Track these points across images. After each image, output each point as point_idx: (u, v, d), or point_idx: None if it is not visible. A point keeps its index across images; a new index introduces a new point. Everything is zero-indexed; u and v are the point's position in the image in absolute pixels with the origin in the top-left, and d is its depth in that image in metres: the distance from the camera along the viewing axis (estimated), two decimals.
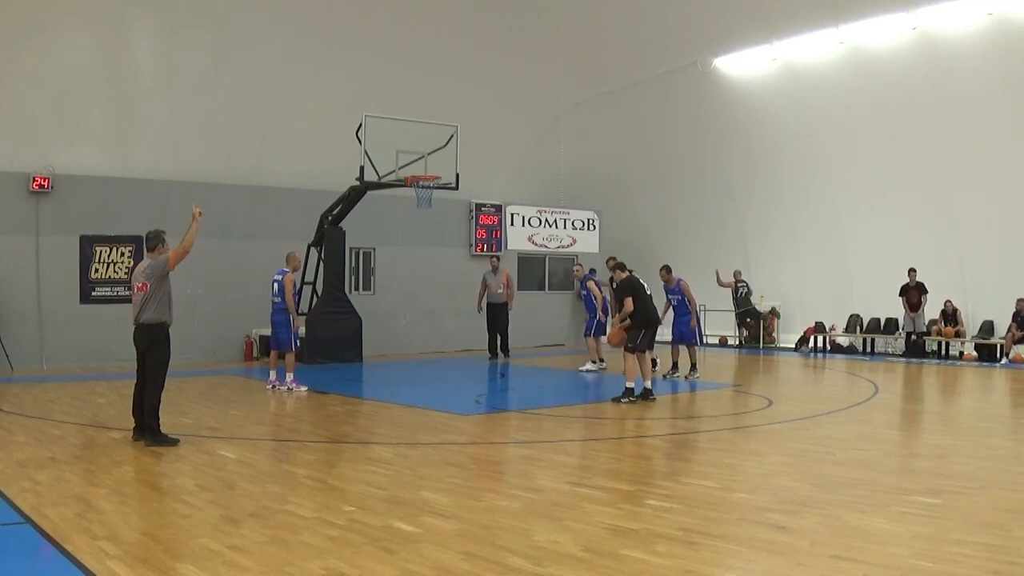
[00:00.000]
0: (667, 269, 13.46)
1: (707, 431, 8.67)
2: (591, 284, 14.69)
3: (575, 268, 16.10)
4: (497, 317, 17.02)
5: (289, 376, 11.69)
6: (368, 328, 16.17)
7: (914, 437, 8.45)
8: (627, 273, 11.05)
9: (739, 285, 19.64)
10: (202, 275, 15.23)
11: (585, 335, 15.33)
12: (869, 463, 7.00)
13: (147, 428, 7.71)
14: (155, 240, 8.01)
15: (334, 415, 10.13)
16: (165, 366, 7.88)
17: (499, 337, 17.10)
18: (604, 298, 14.38)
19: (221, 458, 7.17)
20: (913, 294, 17.05)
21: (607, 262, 12.39)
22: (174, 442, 7.64)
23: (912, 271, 16.98)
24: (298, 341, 11.74)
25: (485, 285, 16.94)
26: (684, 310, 13.32)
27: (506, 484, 6.58)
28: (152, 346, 7.80)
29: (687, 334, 13.39)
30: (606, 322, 14.09)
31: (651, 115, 20.57)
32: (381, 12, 17.69)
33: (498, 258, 17.84)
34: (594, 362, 14.57)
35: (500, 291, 16.89)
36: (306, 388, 11.60)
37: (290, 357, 11.80)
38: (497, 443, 8.34)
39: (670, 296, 13.35)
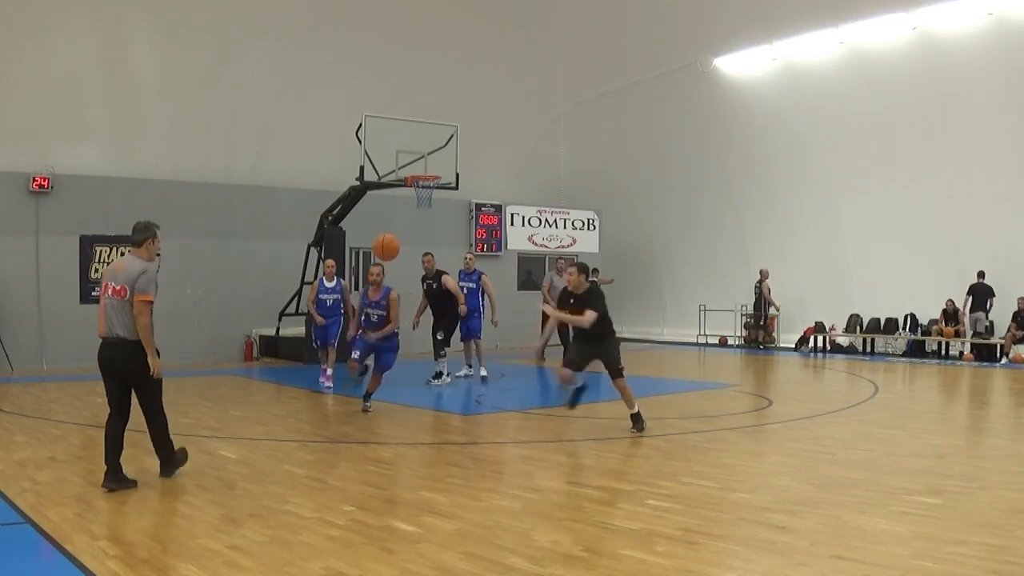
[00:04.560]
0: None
1: (707, 431, 8.65)
2: None
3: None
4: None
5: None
6: None
7: (914, 437, 8.44)
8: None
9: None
10: (202, 275, 15.25)
11: None
12: (869, 463, 6.99)
13: (168, 461, 6.49)
14: (146, 233, 6.29)
15: (334, 415, 10.14)
16: (160, 384, 6.32)
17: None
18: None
19: (221, 458, 7.16)
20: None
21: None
22: (132, 483, 6.17)
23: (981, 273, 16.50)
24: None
25: (552, 286, 14.96)
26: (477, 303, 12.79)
27: (506, 484, 6.58)
28: (138, 368, 6.09)
29: (475, 328, 12.90)
30: None
31: (651, 115, 20.57)
32: (381, 12, 17.70)
33: (565, 259, 15.28)
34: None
35: None
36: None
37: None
38: (497, 443, 8.34)
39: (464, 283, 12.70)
